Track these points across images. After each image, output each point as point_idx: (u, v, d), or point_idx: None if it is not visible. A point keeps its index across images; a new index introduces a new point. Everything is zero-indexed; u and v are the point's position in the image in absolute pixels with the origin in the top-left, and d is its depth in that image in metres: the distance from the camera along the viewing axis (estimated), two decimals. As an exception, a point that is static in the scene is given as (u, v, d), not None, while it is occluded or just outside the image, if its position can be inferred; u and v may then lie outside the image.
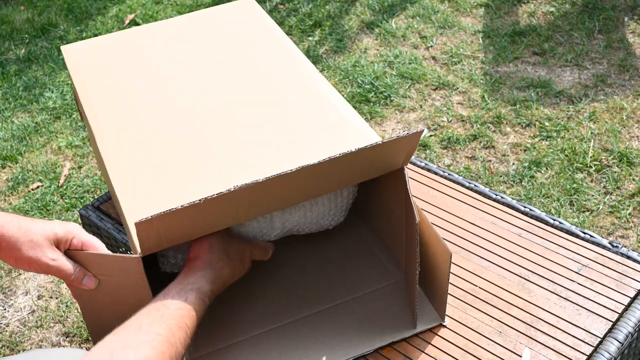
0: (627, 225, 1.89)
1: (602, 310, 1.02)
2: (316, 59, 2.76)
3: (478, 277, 1.09)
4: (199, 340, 0.93)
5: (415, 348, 0.99)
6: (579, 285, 1.06)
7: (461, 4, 2.95)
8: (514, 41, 2.68)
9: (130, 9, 3.31)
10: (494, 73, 2.53)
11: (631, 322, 0.98)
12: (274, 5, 3.18)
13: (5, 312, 1.89)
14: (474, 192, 1.26)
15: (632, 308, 1.01)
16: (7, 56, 3.08)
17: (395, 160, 0.93)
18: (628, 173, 2.05)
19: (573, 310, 1.02)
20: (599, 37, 2.65)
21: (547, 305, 1.03)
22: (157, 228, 0.81)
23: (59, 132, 2.54)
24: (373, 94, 2.50)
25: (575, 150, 2.14)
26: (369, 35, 2.87)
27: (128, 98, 1.09)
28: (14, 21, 3.31)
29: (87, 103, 1.09)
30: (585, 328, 0.99)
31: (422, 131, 0.90)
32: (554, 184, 2.03)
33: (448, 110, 2.38)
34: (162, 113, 1.06)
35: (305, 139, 1.00)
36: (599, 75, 2.44)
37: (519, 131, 2.26)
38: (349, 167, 0.90)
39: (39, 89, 2.81)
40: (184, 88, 1.11)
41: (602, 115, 2.27)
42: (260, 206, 0.89)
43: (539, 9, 2.86)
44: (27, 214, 2.17)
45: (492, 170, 2.12)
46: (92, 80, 1.14)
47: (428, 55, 2.69)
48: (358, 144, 0.90)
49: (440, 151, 2.22)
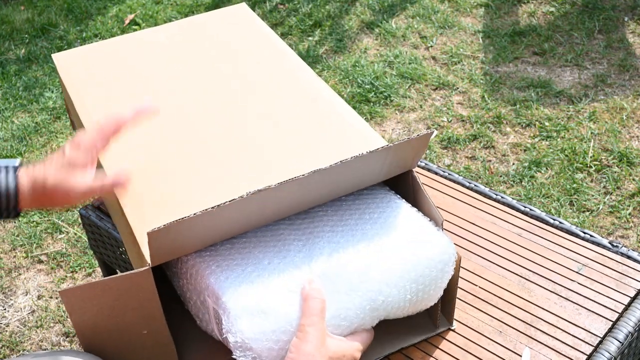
0: (627, 225, 1.89)
1: (602, 309, 1.02)
2: (316, 59, 2.76)
3: (478, 277, 1.09)
4: None
5: (415, 348, 0.99)
6: (579, 285, 1.06)
7: (461, 4, 2.95)
8: (514, 41, 2.68)
9: (130, 9, 3.31)
10: (494, 73, 2.53)
11: (631, 322, 0.98)
12: (274, 5, 3.18)
13: (5, 312, 1.89)
14: (474, 192, 1.26)
15: (632, 308, 1.01)
16: (7, 56, 3.08)
17: (404, 162, 0.93)
18: (628, 173, 2.05)
19: (573, 310, 1.02)
20: (599, 37, 2.65)
21: (547, 304, 1.03)
22: (169, 237, 0.79)
23: (59, 132, 2.54)
24: (373, 94, 2.50)
25: (575, 150, 2.14)
26: (369, 35, 2.87)
27: (123, 104, 1.08)
28: (14, 21, 3.31)
29: (82, 110, 1.08)
30: (586, 327, 0.99)
31: (432, 132, 0.91)
32: (554, 184, 2.03)
33: (448, 110, 2.38)
34: (160, 118, 1.04)
35: (309, 142, 0.99)
36: (599, 75, 2.44)
37: (519, 131, 2.26)
38: (359, 170, 0.89)
39: (39, 89, 2.81)
40: (179, 93, 1.10)
41: (602, 115, 2.27)
42: (271, 212, 0.88)
43: (539, 9, 2.86)
44: (27, 214, 2.17)
45: (492, 170, 2.12)
46: (86, 88, 1.13)
47: (428, 55, 2.69)
48: (364, 146, 0.89)
49: (440, 151, 2.22)
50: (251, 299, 0.80)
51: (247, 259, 0.86)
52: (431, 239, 0.90)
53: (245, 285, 0.82)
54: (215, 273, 0.84)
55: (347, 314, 0.84)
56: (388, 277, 0.86)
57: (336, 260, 0.85)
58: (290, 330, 0.80)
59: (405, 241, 0.89)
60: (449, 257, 0.91)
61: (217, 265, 0.85)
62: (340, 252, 0.86)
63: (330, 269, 0.84)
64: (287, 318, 0.80)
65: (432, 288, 0.90)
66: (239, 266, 0.85)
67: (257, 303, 0.80)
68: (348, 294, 0.84)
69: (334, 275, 0.84)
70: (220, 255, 0.87)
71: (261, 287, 0.82)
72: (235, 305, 0.80)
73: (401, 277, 0.86)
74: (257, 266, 0.85)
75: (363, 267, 0.85)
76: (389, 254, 0.87)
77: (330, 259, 0.85)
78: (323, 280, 0.83)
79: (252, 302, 0.80)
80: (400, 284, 0.86)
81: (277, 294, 0.81)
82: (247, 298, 0.81)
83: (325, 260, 0.85)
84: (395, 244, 0.88)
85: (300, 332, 0.79)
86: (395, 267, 0.87)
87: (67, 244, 2.06)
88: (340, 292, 0.83)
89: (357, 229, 0.90)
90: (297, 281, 0.83)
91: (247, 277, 0.83)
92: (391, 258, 0.87)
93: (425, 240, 0.90)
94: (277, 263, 0.85)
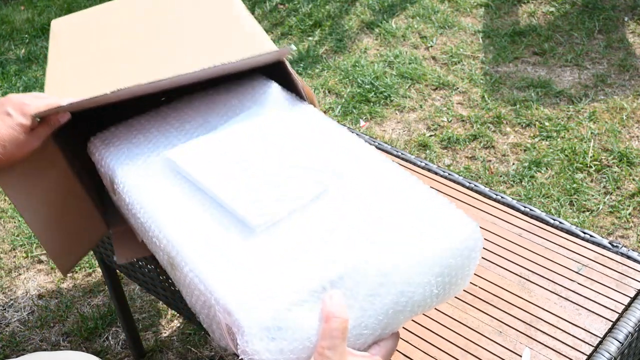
0: (627, 225, 1.89)
1: (602, 310, 1.02)
2: (316, 59, 2.76)
3: (478, 277, 1.09)
4: None
5: (415, 348, 0.99)
6: (579, 285, 1.06)
7: (461, 4, 2.95)
8: (514, 41, 2.68)
9: (130, 9, 3.31)
10: (494, 73, 2.53)
11: (631, 322, 0.98)
12: (274, 5, 3.18)
13: (5, 312, 1.89)
14: (474, 192, 1.26)
15: (632, 308, 1.01)
16: (7, 56, 3.08)
17: None
18: (628, 173, 2.05)
19: (573, 310, 1.02)
20: (599, 37, 2.65)
21: (547, 305, 1.03)
22: None
23: (59, 132, 2.54)
24: (373, 94, 2.50)
25: (575, 150, 2.14)
26: (369, 35, 2.87)
27: (91, 43, 1.25)
28: (14, 21, 3.31)
29: (54, 46, 1.24)
30: (585, 328, 0.99)
31: (291, 48, 1.00)
32: (554, 184, 2.03)
33: (448, 110, 2.38)
34: (112, 43, 1.23)
35: (206, 52, 1.16)
36: (599, 75, 2.44)
37: (519, 131, 2.26)
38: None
39: (38, 89, 2.81)
40: (136, 37, 1.26)
41: (602, 115, 2.27)
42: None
43: (539, 9, 2.86)
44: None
45: (492, 170, 2.12)
46: (65, 37, 1.27)
47: (428, 55, 2.69)
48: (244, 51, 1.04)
49: (440, 151, 2.22)
50: (266, 314, 0.74)
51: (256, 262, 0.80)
52: (453, 222, 0.81)
53: (257, 298, 0.75)
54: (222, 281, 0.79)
55: (369, 322, 0.77)
56: (410, 275, 0.77)
57: (353, 260, 0.78)
58: (309, 347, 0.73)
59: (424, 226, 0.80)
60: (475, 243, 0.81)
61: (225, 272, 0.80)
62: (357, 249, 0.79)
63: (348, 272, 0.77)
64: (306, 334, 0.74)
65: (460, 277, 0.81)
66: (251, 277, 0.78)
67: (273, 318, 0.73)
68: (368, 300, 0.76)
69: (352, 280, 0.77)
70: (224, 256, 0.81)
71: (275, 298, 0.75)
72: (250, 323, 0.73)
73: (424, 272, 0.78)
74: (266, 270, 0.78)
75: (382, 267, 0.77)
76: (408, 247, 0.79)
77: (347, 260, 0.78)
78: (339, 286, 0.76)
79: (268, 318, 0.73)
80: (425, 280, 0.78)
81: (293, 305, 0.74)
82: (262, 313, 0.74)
83: (342, 261, 0.78)
84: (413, 232, 0.80)
85: (319, 355, 0.72)
86: (417, 261, 0.78)
87: (67, 244, 2.06)
88: (358, 299, 0.76)
89: (369, 214, 0.82)
90: (312, 289, 0.76)
91: (259, 287, 0.76)
92: (411, 251, 0.78)
93: (447, 226, 0.80)
94: (289, 261, 0.78)
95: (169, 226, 0.87)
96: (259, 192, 0.88)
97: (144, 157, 0.98)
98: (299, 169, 0.91)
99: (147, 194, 0.92)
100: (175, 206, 0.89)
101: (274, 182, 0.90)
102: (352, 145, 0.94)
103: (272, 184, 0.89)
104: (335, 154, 0.93)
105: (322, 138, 0.96)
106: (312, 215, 0.85)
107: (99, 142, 1.03)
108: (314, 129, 0.98)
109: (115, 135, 1.05)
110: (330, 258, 0.78)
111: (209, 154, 0.96)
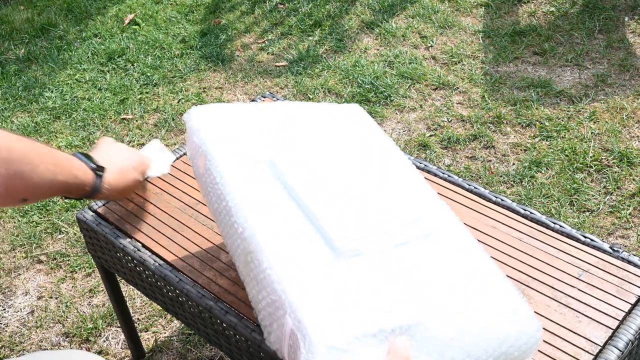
0: (627, 225, 1.89)
1: (602, 317, 1.01)
2: (316, 59, 2.76)
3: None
4: None
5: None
6: (579, 292, 1.05)
7: (461, 4, 2.95)
8: (514, 41, 2.68)
9: (130, 9, 3.30)
10: (494, 73, 2.52)
11: (632, 330, 0.98)
12: (274, 5, 3.17)
13: (5, 313, 1.89)
14: (473, 194, 1.25)
15: (633, 315, 1.01)
16: (7, 56, 3.07)
17: None
18: (628, 173, 2.04)
19: (573, 317, 1.02)
20: (599, 37, 2.64)
21: (547, 312, 1.03)
22: None
23: (58, 132, 2.54)
24: (373, 94, 2.50)
25: (576, 150, 2.14)
26: (369, 35, 2.87)
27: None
28: (13, 21, 3.31)
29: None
30: (586, 336, 0.99)
31: None
32: (554, 184, 2.03)
33: (448, 110, 2.38)
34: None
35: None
36: (599, 75, 2.43)
37: (519, 131, 2.25)
38: None
39: (38, 88, 2.80)
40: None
41: (602, 115, 2.26)
42: None
43: (539, 9, 2.85)
44: (26, 214, 2.17)
45: (492, 170, 2.12)
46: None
47: (428, 55, 2.69)
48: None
49: (440, 151, 2.22)
50: (338, 336, 0.76)
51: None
52: (521, 316, 0.84)
53: (333, 318, 0.78)
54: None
55: None
56: (472, 348, 0.81)
57: (429, 316, 0.81)
58: None
59: (497, 310, 0.83)
60: (536, 341, 0.84)
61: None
62: (434, 308, 0.82)
63: (420, 326, 0.79)
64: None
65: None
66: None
67: (343, 341, 0.76)
68: (431, 355, 0.79)
69: (421, 335, 0.79)
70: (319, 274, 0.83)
71: (350, 324, 0.78)
72: (319, 338, 0.76)
73: (485, 351, 0.81)
74: (347, 295, 0.80)
75: (451, 332, 0.80)
76: (479, 324, 0.82)
77: (424, 314, 0.81)
78: (409, 334, 0.78)
79: (338, 339, 0.76)
80: (483, 357, 0.81)
81: (364, 336, 0.77)
82: (334, 333, 0.76)
83: (419, 313, 0.81)
84: (487, 313, 0.83)
85: None
86: (482, 339, 0.81)
87: (67, 244, 2.06)
88: (422, 351, 0.79)
89: (449, 278, 0.85)
90: (384, 328, 0.78)
91: (337, 308, 0.79)
92: (479, 328, 0.82)
93: (515, 320, 0.84)
94: (370, 295, 0.81)
95: (257, 220, 0.89)
96: (352, 215, 0.90)
97: (244, 143, 0.98)
98: (399, 205, 0.94)
99: (240, 181, 0.93)
100: (265, 202, 0.91)
101: (371, 208, 0.92)
102: (439, 204, 0.97)
103: (369, 210, 0.92)
104: (427, 209, 0.94)
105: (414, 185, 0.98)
106: (398, 258, 0.87)
107: (201, 113, 1.02)
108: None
109: (221, 112, 1.03)
110: (407, 306, 0.81)
111: (310, 164, 0.97)
